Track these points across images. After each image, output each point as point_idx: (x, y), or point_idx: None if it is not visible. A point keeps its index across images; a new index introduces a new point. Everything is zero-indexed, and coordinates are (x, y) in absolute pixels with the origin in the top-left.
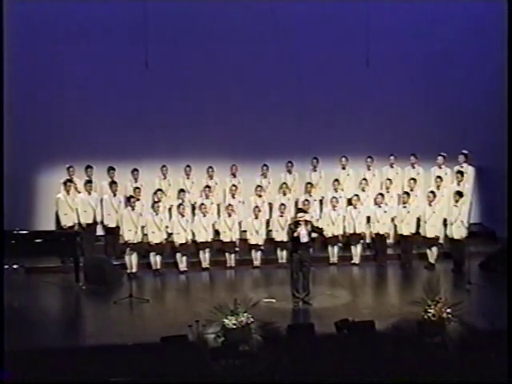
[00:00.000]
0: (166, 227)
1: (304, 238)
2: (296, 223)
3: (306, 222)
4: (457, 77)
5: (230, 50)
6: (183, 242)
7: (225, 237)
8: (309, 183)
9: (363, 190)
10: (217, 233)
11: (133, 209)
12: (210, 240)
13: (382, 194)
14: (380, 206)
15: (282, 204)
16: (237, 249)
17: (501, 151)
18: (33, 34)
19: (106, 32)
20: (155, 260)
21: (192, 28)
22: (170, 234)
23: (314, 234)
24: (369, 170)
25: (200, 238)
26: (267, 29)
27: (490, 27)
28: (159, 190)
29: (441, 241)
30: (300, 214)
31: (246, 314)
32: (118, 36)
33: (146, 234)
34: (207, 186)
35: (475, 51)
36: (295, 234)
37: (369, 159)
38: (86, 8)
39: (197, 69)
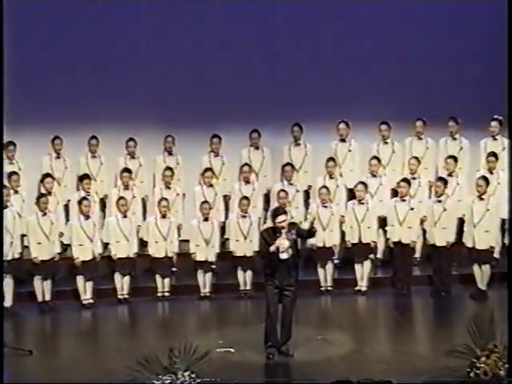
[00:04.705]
0: (61, 235)
1: (285, 254)
2: (273, 230)
3: (289, 226)
4: None
5: None
6: (88, 258)
7: (156, 250)
8: (288, 164)
9: (374, 175)
10: (142, 243)
11: (5, 206)
12: (131, 255)
13: (405, 181)
14: (403, 200)
15: (245, 197)
16: (174, 269)
17: None
18: None
19: None
20: (42, 287)
21: None
22: (66, 246)
23: (299, 243)
24: (385, 143)
25: (116, 253)
26: None
27: None
28: (48, 175)
29: (496, 255)
30: (280, 218)
31: (187, 373)
32: None
33: (27, 247)
34: (126, 170)
35: None
36: (272, 248)
37: (383, 126)
38: None
39: None
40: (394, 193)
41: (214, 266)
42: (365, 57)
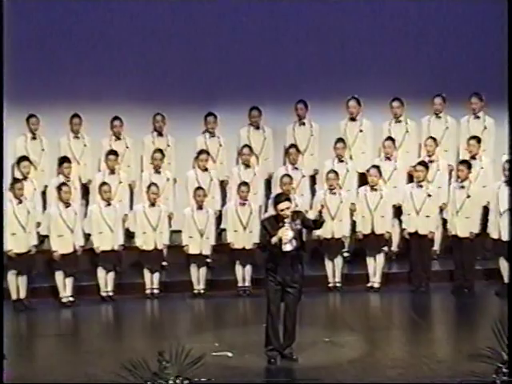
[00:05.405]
0: (38, 225)
1: (288, 246)
2: (275, 219)
3: (294, 214)
4: None
5: None
6: (68, 251)
7: (144, 242)
8: (292, 146)
9: (388, 158)
10: (129, 235)
11: None
12: (116, 248)
13: (422, 165)
14: (420, 186)
15: (244, 183)
16: (164, 263)
17: None
18: None
19: None
20: (17, 283)
21: None
22: (44, 238)
23: (304, 234)
24: (397, 121)
25: (99, 245)
26: None
27: None
28: (25, 158)
29: None
30: (283, 205)
31: (180, 379)
32: None
33: None
34: (112, 152)
35: None
36: (274, 240)
37: (395, 103)
38: None
39: None
40: (410, 178)
41: (209, 260)
42: (376, 27)
